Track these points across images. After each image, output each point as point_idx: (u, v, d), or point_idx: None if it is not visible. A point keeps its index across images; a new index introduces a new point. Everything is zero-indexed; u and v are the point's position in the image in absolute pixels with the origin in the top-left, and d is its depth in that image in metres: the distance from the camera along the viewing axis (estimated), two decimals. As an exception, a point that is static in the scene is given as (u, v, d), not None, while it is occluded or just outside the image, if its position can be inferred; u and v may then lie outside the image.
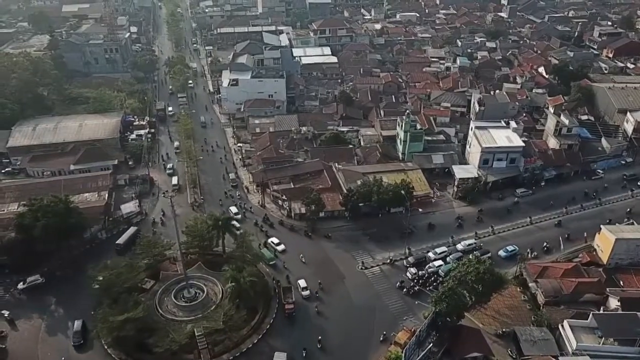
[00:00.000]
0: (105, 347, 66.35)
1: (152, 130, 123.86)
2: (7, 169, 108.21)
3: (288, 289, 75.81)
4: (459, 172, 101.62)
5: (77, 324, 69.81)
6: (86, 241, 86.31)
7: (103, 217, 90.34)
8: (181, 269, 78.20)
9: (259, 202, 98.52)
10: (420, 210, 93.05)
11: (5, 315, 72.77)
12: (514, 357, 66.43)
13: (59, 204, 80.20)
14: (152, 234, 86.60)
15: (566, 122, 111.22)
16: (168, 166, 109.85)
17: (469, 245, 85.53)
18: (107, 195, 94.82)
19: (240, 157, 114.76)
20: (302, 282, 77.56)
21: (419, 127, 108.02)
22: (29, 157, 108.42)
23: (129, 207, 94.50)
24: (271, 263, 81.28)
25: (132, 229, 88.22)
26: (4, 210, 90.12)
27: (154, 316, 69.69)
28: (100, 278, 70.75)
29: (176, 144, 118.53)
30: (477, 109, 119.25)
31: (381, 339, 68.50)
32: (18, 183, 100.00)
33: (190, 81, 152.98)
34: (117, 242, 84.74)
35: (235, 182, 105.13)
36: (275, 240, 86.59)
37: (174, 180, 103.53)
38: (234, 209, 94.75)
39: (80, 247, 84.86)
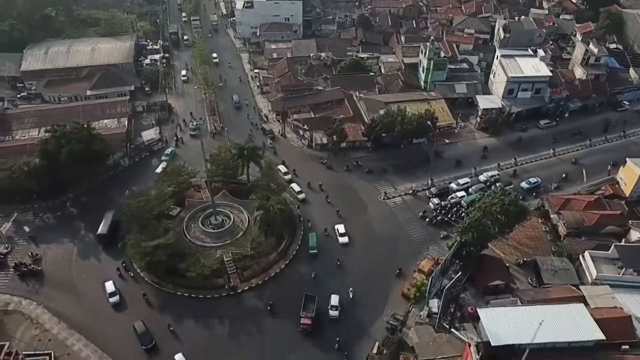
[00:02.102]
0: (139, 271, 68.53)
1: (167, 55, 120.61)
2: (22, 94, 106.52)
3: (311, 298, 64.48)
4: (483, 102, 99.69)
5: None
6: (109, 168, 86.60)
7: (124, 144, 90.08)
8: (206, 197, 79.14)
9: (279, 132, 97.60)
10: (447, 141, 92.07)
11: (27, 231, 75.01)
12: (534, 285, 68.33)
13: (82, 130, 79.77)
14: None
15: (595, 51, 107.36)
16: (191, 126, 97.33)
17: (492, 176, 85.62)
18: (127, 121, 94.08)
19: (257, 84, 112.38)
20: (334, 299, 65.06)
21: (443, 55, 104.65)
22: (44, 81, 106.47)
23: (150, 134, 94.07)
24: (311, 252, 72.42)
25: (108, 215, 75.40)
26: (25, 136, 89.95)
27: (183, 242, 71.33)
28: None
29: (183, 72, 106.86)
30: (502, 36, 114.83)
31: (396, 273, 69.97)
32: (37, 108, 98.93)
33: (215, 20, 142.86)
34: (97, 233, 73.23)
35: (272, 134, 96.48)
36: (342, 229, 75.02)
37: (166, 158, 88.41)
38: (296, 187, 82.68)
39: (104, 174, 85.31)
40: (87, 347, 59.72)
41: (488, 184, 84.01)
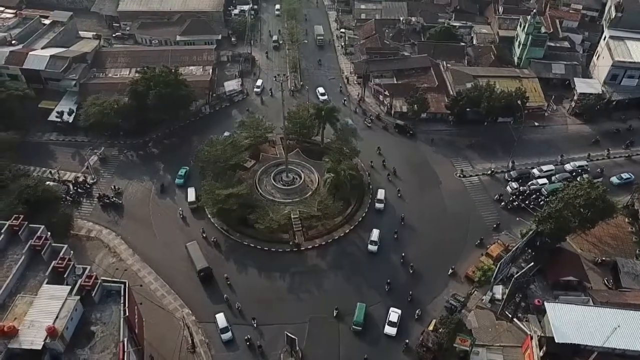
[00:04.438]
0: (209, 216, 71.00)
1: (255, 7, 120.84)
2: (117, 34, 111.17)
3: None
4: (581, 85, 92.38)
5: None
6: (191, 114, 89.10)
7: (207, 92, 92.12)
8: (280, 153, 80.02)
9: (358, 95, 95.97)
10: (535, 123, 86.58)
11: (97, 153, 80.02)
12: (610, 287, 64.35)
13: (170, 74, 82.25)
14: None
15: None
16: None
17: (579, 166, 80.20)
18: (211, 70, 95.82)
19: (342, 44, 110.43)
20: None
21: (543, 30, 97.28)
22: (138, 23, 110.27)
23: (232, 85, 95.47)
24: (354, 328, 59.28)
25: (194, 247, 66.08)
26: (117, 75, 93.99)
27: (254, 194, 72.90)
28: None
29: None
30: (613, 15, 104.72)
31: (477, 243, 68.47)
32: (129, 49, 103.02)
33: None
34: (199, 269, 63.61)
35: (371, 116, 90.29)
36: (394, 317, 60.01)
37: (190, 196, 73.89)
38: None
39: (186, 120, 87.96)
40: (156, 281, 63.44)
41: (574, 174, 78.83)
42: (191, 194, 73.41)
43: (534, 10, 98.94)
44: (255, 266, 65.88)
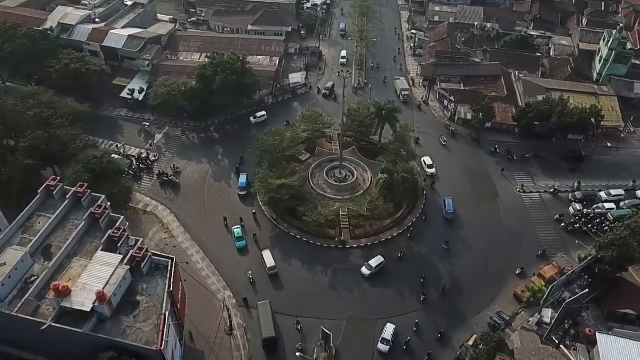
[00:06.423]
0: (261, 204, 72.02)
1: (328, 2, 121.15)
2: (192, 19, 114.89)
3: None
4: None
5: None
6: (254, 103, 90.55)
7: (272, 82, 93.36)
8: (336, 149, 79.91)
9: (422, 98, 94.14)
10: (608, 144, 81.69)
11: (146, 126, 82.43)
12: (673, 326, 59.77)
13: (237, 62, 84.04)
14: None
15: None
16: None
17: (653, 195, 74.99)
18: (278, 61, 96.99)
19: (411, 45, 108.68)
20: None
21: (629, 46, 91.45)
22: (213, 10, 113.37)
23: (296, 78, 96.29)
24: None
25: (265, 308, 58.62)
26: (188, 59, 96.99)
27: (306, 187, 73.22)
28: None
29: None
30: None
31: (518, 272, 64.96)
32: (202, 35, 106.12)
33: None
34: (263, 337, 56.22)
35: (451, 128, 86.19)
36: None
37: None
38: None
39: (249, 108, 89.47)
40: (203, 260, 65.15)
41: (646, 202, 73.82)
42: (269, 259, 64.32)
43: (621, 25, 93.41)
44: (299, 258, 66.22)
